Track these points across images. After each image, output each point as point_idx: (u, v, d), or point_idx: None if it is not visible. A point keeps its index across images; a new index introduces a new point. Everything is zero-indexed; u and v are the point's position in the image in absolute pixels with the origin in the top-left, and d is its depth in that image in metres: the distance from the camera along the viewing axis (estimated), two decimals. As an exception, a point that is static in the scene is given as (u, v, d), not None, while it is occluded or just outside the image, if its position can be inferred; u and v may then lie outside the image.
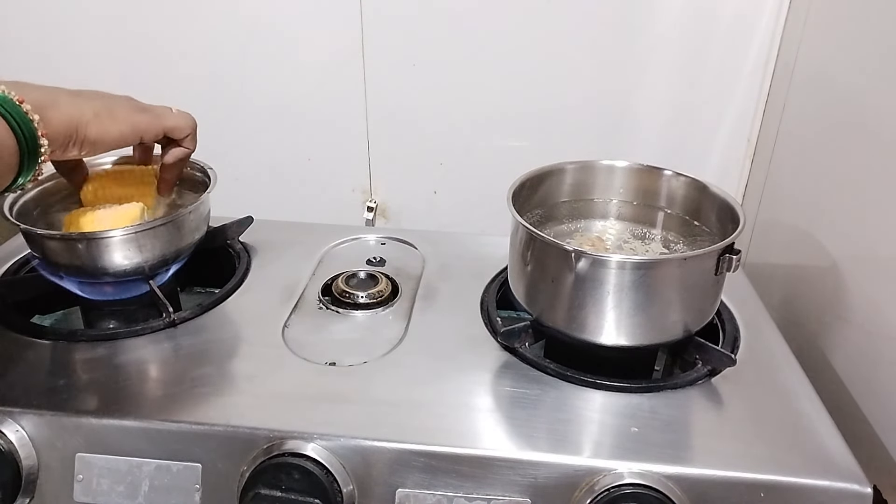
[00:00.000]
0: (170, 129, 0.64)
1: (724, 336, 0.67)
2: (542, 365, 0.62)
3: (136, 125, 0.60)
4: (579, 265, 0.58)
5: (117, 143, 0.59)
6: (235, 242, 0.81)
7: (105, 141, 0.58)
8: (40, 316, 0.73)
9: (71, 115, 0.55)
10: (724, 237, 0.60)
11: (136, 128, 0.60)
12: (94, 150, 0.58)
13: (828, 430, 0.56)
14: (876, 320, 0.66)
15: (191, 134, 0.66)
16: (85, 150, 0.57)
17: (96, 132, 0.56)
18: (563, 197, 0.75)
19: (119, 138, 0.59)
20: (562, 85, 0.95)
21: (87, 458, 0.55)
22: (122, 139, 0.59)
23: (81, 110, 0.56)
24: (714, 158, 0.98)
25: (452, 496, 0.53)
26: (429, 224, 1.05)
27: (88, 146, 0.57)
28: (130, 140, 0.61)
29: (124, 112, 0.59)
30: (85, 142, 0.56)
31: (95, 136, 0.56)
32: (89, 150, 0.58)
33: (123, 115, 0.59)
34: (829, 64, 0.79)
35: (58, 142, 0.54)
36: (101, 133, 0.57)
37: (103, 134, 0.57)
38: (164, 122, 0.63)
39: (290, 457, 0.53)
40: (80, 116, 0.55)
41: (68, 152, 0.56)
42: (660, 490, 0.51)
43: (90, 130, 0.56)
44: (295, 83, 0.98)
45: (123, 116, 0.59)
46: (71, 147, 0.56)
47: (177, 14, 0.94)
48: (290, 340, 0.66)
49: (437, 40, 0.94)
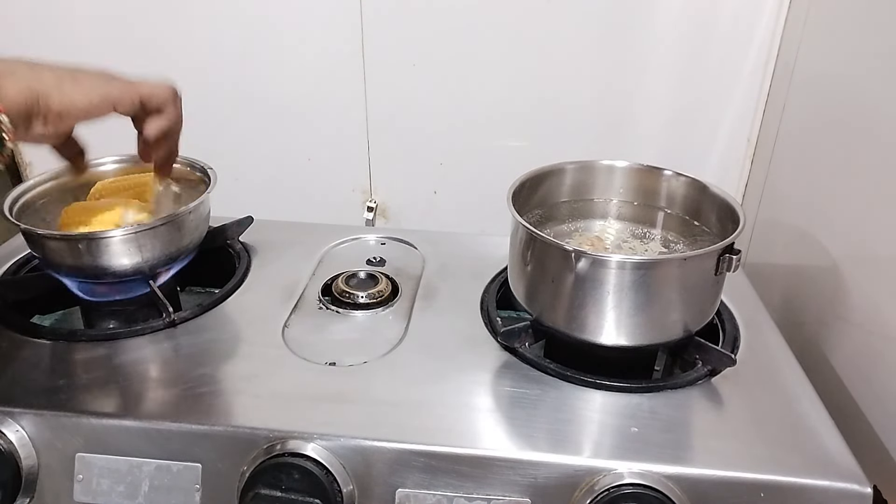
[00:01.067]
0: (146, 96, 0.58)
1: (724, 336, 0.67)
2: (542, 365, 0.62)
3: (107, 93, 0.55)
4: (579, 265, 0.58)
5: (87, 114, 0.54)
6: (235, 242, 0.81)
7: (72, 112, 0.53)
8: (40, 316, 0.73)
9: (30, 85, 0.50)
10: (724, 237, 0.60)
11: (106, 96, 0.55)
12: (63, 123, 0.53)
13: (828, 430, 0.56)
14: (876, 320, 0.66)
15: (170, 101, 0.60)
16: (51, 124, 0.52)
17: (60, 102, 0.52)
18: (563, 197, 0.75)
19: (88, 107, 0.54)
20: (562, 85, 0.95)
21: (87, 458, 0.55)
22: (92, 109, 0.54)
23: (41, 78, 0.51)
24: (714, 158, 0.98)
25: (452, 496, 0.53)
26: (429, 224, 1.05)
27: (54, 119, 0.52)
28: (102, 109, 0.55)
29: (91, 79, 0.55)
30: (49, 114, 0.51)
31: (60, 105, 0.52)
32: (56, 124, 0.53)
33: (90, 83, 0.54)
34: (829, 64, 0.79)
35: (19, 115, 0.50)
36: (67, 103, 0.52)
37: (69, 104, 0.52)
38: (139, 88, 0.58)
39: (290, 457, 0.53)
40: (38, 85, 0.51)
41: (33, 128, 0.52)
42: (660, 490, 0.51)
43: (53, 100, 0.51)
44: (295, 83, 0.98)
45: (90, 84, 0.54)
46: (35, 121, 0.51)
47: (176, 14, 0.94)
48: (290, 340, 0.66)
49: (437, 40, 0.94)
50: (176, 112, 0.62)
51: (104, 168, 0.74)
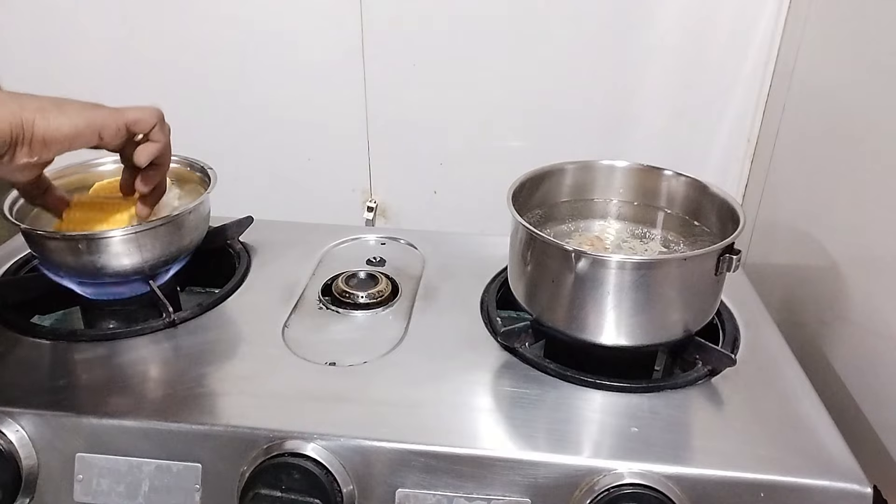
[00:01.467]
0: (132, 121, 0.57)
1: (724, 336, 0.67)
2: (542, 365, 0.62)
3: (92, 119, 0.55)
4: (579, 265, 0.58)
5: (71, 141, 0.54)
6: (235, 242, 0.81)
7: (57, 138, 0.53)
8: (40, 316, 0.73)
9: (12, 111, 0.50)
10: (724, 237, 0.60)
11: (91, 122, 0.55)
12: (47, 151, 0.53)
13: (828, 430, 0.56)
14: (876, 320, 0.66)
15: (157, 125, 0.59)
16: (36, 152, 0.52)
17: (44, 128, 0.52)
18: (563, 197, 0.75)
19: (73, 134, 0.53)
20: (562, 85, 0.95)
21: (87, 458, 0.55)
22: (78, 136, 0.54)
23: (23, 106, 0.51)
24: (714, 158, 0.98)
25: (452, 496, 0.53)
26: (429, 224, 1.05)
27: (38, 146, 0.52)
28: (88, 137, 0.55)
29: (74, 107, 0.54)
30: (34, 141, 0.51)
31: (44, 132, 0.52)
32: (41, 151, 0.53)
33: (74, 110, 0.54)
34: (829, 64, 0.79)
35: (3, 142, 0.50)
36: (51, 129, 0.52)
37: (53, 130, 0.52)
38: (125, 114, 0.57)
39: (290, 457, 0.53)
40: (21, 112, 0.51)
41: (18, 156, 0.52)
42: (660, 490, 0.51)
43: (37, 127, 0.51)
44: (295, 83, 0.98)
45: (74, 111, 0.54)
46: (20, 149, 0.51)
47: (176, 14, 0.94)
48: (290, 340, 0.66)
49: (437, 40, 0.94)
50: (164, 137, 0.61)
51: (104, 168, 0.74)
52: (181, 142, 0.69)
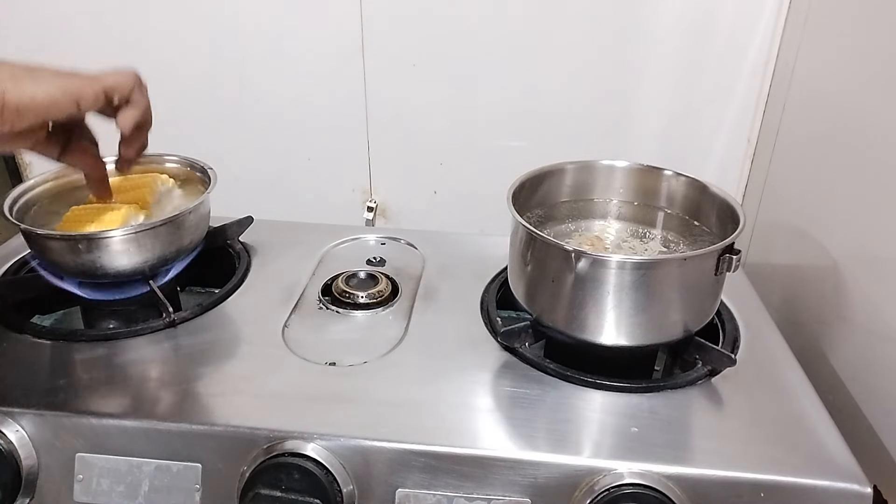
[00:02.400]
0: (110, 87, 0.56)
1: (724, 336, 0.67)
2: (542, 365, 0.62)
3: (67, 87, 0.53)
4: (579, 265, 0.58)
5: (48, 109, 0.53)
6: (235, 242, 0.81)
7: (32, 107, 0.51)
8: (40, 316, 0.73)
9: None
10: (724, 237, 0.60)
11: (67, 89, 0.53)
12: (21, 120, 0.52)
13: (828, 430, 0.56)
14: (876, 320, 0.66)
15: (136, 88, 0.58)
16: (8, 122, 0.51)
17: (18, 96, 0.50)
18: (563, 197, 0.75)
19: (49, 102, 0.52)
20: (562, 85, 0.95)
21: (87, 458, 0.55)
22: (54, 104, 0.53)
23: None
24: (714, 158, 0.98)
25: (452, 496, 0.53)
26: (429, 224, 1.05)
27: (12, 114, 0.51)
28: (65, 105, 0.53)
29: (49, 74, 0.53)
30: (5, 109, 0.50)
31: (18, 100, 0.50)
32: (13, 121, 0.51)
33: (48, 77, 0.53)
34: (828, 64, 0.79)
35: None
36: (25, 97, 0.51)
37: (28, 99, 0.51)
38: (102, 80, 0.56)
39: (290, 457, 0.53)
40: None
41: None
42: (660, 490, 0.51)
43: (10, 94, 0.50)
44: (295, 83, 0.98)
45: (48, 78, 0.53)
46: None
47: (176, 13, 0.94)
48: (290, 340, 0.66)
49: (437, 40, 0.94)
50: (144, 98, 0.59)
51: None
52: (181, 142, 0.69)
